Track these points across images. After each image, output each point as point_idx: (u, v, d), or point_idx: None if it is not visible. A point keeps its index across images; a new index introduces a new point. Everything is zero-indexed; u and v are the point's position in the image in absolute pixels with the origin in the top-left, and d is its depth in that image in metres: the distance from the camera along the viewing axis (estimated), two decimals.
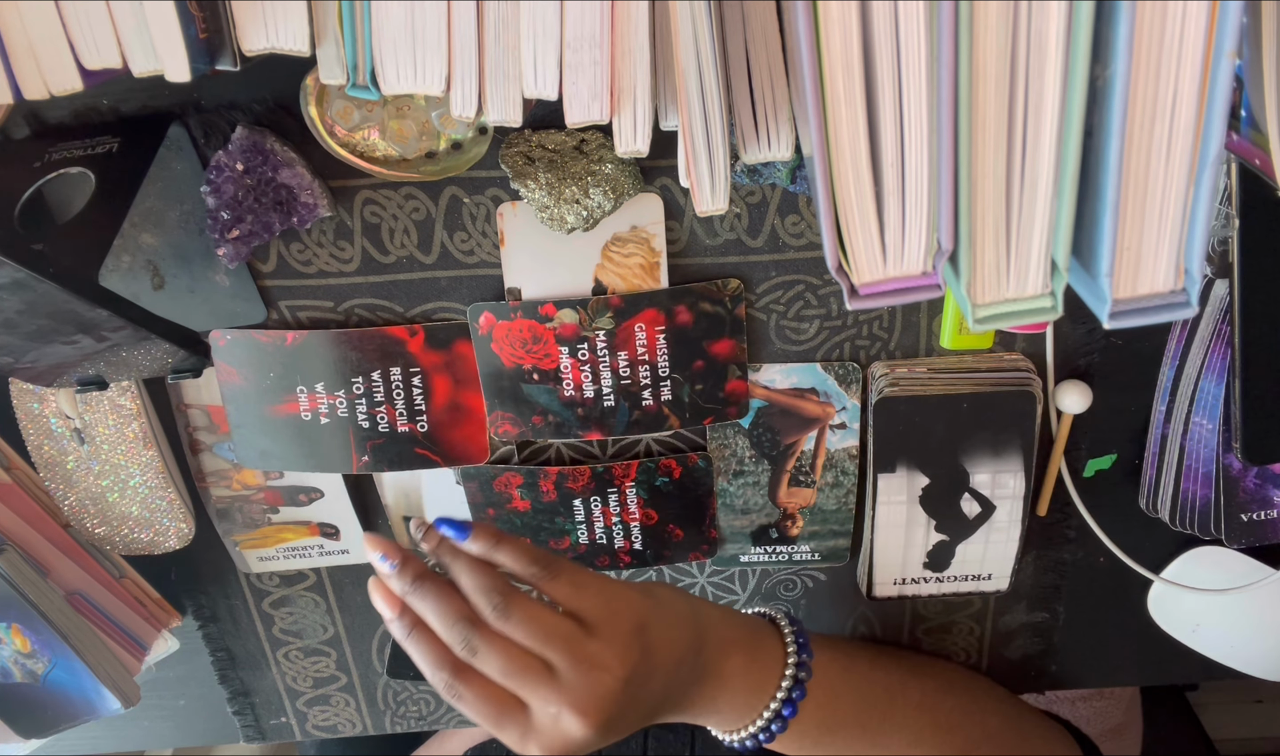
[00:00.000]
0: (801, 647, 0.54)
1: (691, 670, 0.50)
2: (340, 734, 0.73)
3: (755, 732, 0.52)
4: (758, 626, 0.55)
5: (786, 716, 0.52)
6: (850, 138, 0.34)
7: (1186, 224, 0.34)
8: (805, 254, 0.54)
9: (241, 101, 0.49)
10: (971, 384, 0.55)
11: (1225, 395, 0.55)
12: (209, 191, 0.49)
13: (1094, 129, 0.33)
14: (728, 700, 0.52)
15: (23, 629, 0.56)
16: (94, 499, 0.59)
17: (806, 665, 0.53)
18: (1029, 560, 0.65)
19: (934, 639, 0.69)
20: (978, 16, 0.32)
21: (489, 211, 0.53)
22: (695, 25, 0.37)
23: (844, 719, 0.56)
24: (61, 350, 0.47)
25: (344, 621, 0.67)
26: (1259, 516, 0.59)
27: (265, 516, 0.62)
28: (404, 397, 0.56)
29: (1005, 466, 0.58)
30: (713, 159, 0.40)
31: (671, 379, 0.56)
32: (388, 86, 0.41)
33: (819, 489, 0.61)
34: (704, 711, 0.52)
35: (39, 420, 0.57)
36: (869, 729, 0.57)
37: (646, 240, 0.53)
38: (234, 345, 0.55)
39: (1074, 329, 0.56)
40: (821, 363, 0.57)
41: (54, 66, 0.39)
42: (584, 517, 0.61)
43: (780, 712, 0.52)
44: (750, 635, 0.54)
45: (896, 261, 0.36)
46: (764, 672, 0.53)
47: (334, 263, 0.54)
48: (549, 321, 0.54)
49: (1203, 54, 0.31)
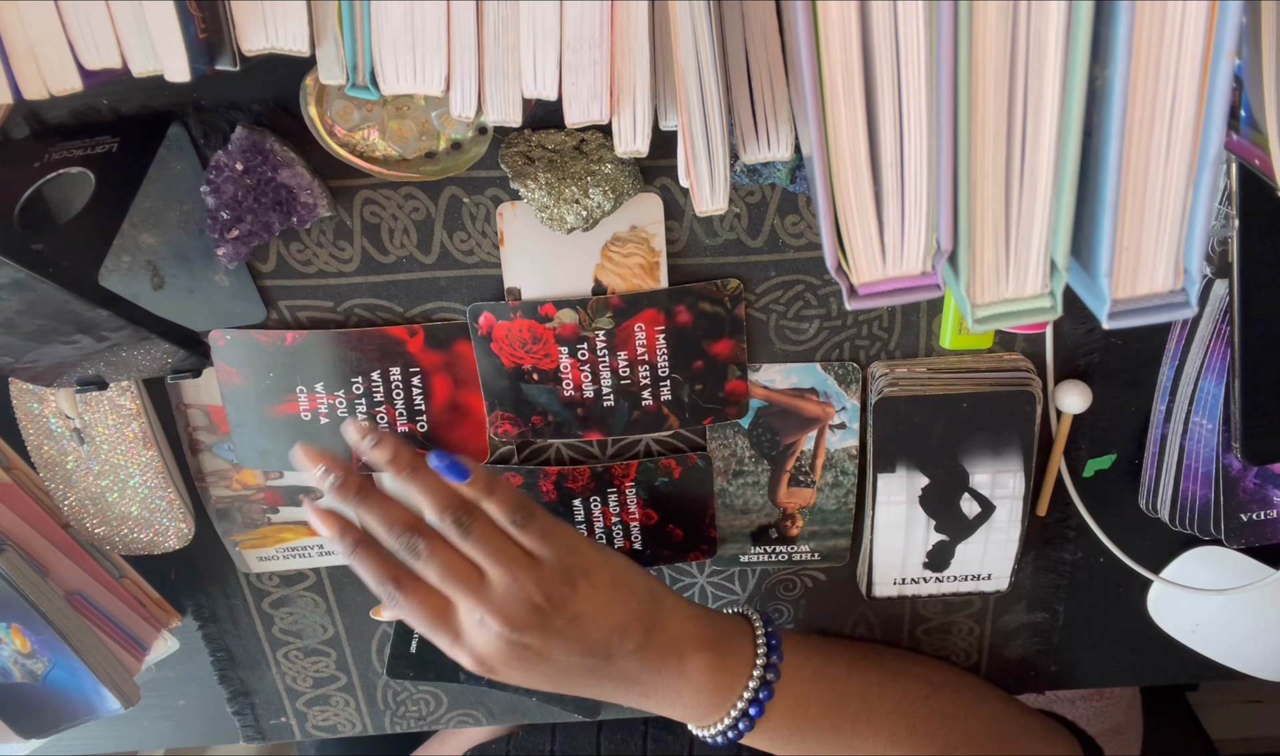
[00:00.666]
0: (772, 650, 0.55)
1: (640, 648, 0.52)
2: (340, 734, 0.73)
3: (724, 729, 0.54)
4: (730, 626, 0.56)
5: (753, 715, 0.54)
6: (850, 138, 0.34)
7: (1186, 224, 0.34)
8: (805, 254, 0.54)
9: (241, 101, 0.49)
10: (971, 384, 0.55)
11: (1225, 395, 0.55)
12: (209, 191, 0.49)
13: (1093, 129, 0.33)
14: (693, 696, 0.53)
15: (23, 629, 0.56)
16: (94, 499, 0.59)
17: (775, 666, 0.55)
18: (1029, 560, 0.65)
19: (934, 639, 0.69)
20: (977, 16, 0.32)
21: (489, 211, 0.53)
22: (695, 25, 0.37)
23: (815, 720, 0.57)
24: (61, 350, 0.47)
25: (344, 621, 0.67)
26: (1259, 516, 0.59)
27: (265, 516, 0.62)
28: (404, 397, 0.56)
29: (1005, 466, 0.58)
30: (712, 159, 0.40)
31: (671, 379, 0.56)
32: (387, 86, 0.41)
33: (819, 489, 0.61)
34: (668, 703, 0.54)
35: (39, 420, 0.57)
36: (842, 730, 0.58)
37: (646, 240, 0.53)
38: (234, 345, 0.55)
39: (1074, 329, 0.56)
40: (821, 363, 0.57)
41: (54, 66, 0.39)
42: (584, 517, 0.61)
43: (746, 712, 0.54)
44: (719, 634, 0.55)
45: (896, 261, 0.36)
46: (732, 673, 0.54)
47: (334, 263, 0.54)
48: (549, 321, 0.54)
49: (1202, 54, 0.31)
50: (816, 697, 0.57)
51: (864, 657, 0.63)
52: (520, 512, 0.50)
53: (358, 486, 0.49)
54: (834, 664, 0.60)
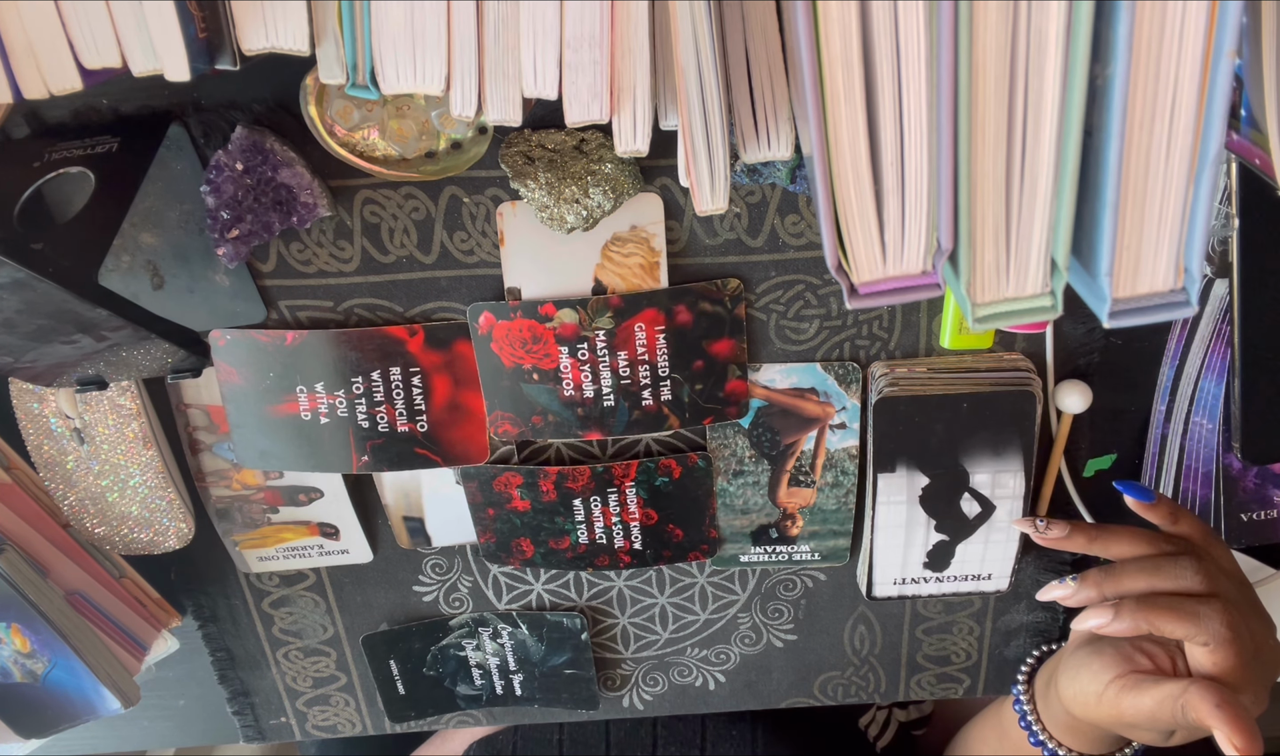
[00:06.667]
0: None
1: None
2: (340, 734, 0.73)
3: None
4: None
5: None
6: (850, 137, 0.34)
7: (1186, 223, 0.34)
8: (805, 253, 0.54)
9: (241, 101, 0.49)
10: (971, 384, 0.55)
11: (1225, 395, 0.55)
12: (209, 191, 0.49)
13: (1094, 128, 0.33)
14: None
15: (23, 629, 0.56)
16: (94, 499, 0.59)
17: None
18: (1029, 560, 0.65)
19: (934, 639, 0.69)
20: (977, 16, 0.32)
21: (489, 211, 0.53)
22: (695, 25, 0.37)
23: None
24: (61, 350, 0.47)
25: (344, 621, 0.67)
26: (1259, 516, 0.59)
27: (265, 516, 0.62)
28: (404, 397, 0.56)
29: (1005, 466, 0.58)
30: (712, 158, 0.40)
31: (671, 379, 0.56)
32: (387, 86, 0.41)
33: (819, 489, 0.61)
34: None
35: (39, 420, 0.57)
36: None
37: (646, 240, 0.53)
38: (234, 345, 0.55)
39: (1074, 329, 0.56)
40: (821, 362, 0.57)
41: (54, 66, 0.39)
42: (584, 517, 0.61)
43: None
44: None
45: (896, 260, 0.36)
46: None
47: (334, 262, 0.54)
48: (549, 321, 0.54)
49: (1202, 53, 0.31)
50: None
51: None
52: (1211, 537, 0.52)
53: (1078, 528, 0.53)
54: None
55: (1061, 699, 0.55)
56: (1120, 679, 0.51)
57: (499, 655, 0.68)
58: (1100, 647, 0.53)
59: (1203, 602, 0.48)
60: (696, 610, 0.67)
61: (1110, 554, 0.53)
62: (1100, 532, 0.53)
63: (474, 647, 0.68)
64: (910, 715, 0.82)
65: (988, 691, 0.71)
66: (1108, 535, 0.53)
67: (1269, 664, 0.50)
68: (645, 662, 0.70)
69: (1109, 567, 0.51)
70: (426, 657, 0.68)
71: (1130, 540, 0.52)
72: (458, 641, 0.68)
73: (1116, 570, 0.51)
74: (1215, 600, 0.48)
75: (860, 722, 0.80)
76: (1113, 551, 0.52)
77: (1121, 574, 0.51)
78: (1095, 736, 0.56)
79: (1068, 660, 0.55)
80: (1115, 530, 0.53)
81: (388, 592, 0.66)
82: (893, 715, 0.81)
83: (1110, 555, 0.53)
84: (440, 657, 0.68)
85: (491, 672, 0.69)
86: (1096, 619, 0.50)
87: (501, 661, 0.68)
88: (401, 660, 0.68)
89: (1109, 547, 0.53)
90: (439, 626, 0.67)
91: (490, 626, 0.67)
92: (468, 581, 0.66)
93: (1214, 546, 0.52)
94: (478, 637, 0.68)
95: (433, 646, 0.68)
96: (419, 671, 0.68)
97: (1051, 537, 0.54)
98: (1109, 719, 0.52)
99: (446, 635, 0.67)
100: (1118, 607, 0.49)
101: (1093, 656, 0.53)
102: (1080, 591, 0.52)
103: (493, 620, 0.67)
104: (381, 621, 0.67)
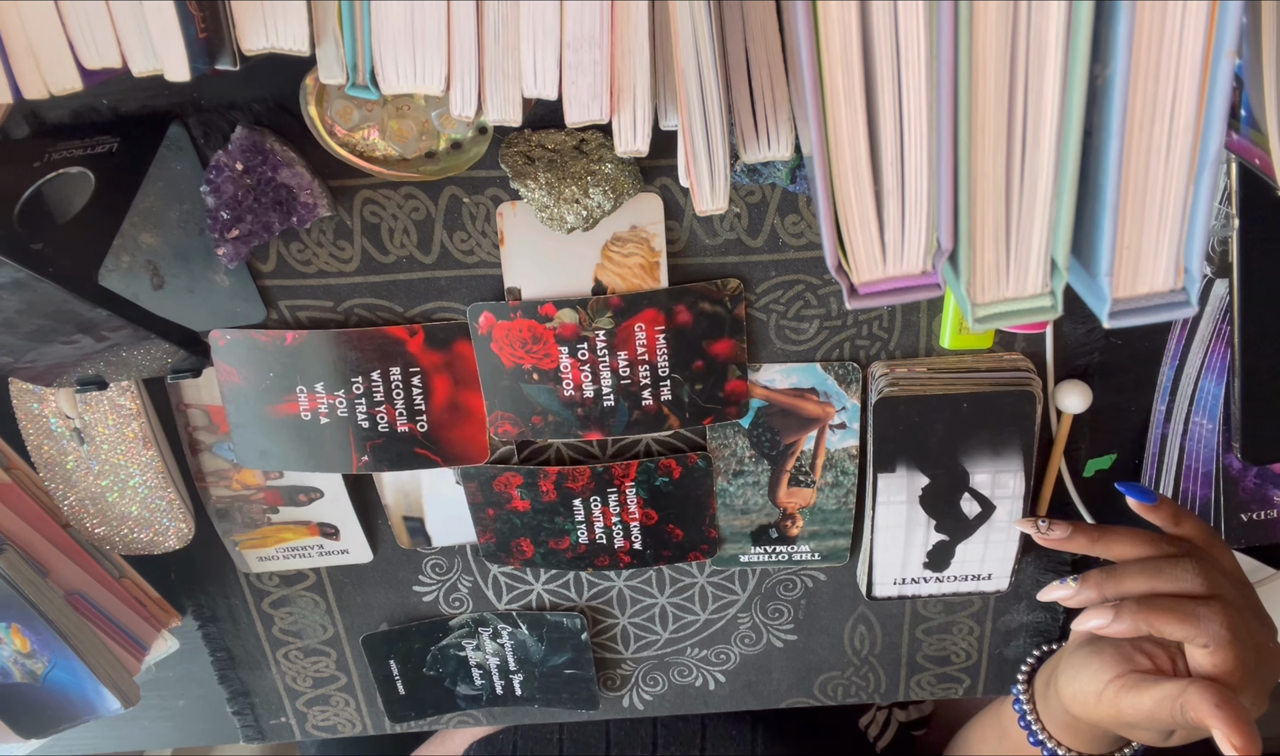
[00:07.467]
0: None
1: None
2: (340, 734, 0.73)
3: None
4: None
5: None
6: (850, 137, 0.34)
7: (1186, 223, 0.34)
8: (805, 253, 0.54)
9: (241, 101, 0.49)
10: (971, 384, 0.55)
11: (1225, 395, 0.55)
12: (209, 191, 0.49)
13: (1094, 128, 0.33)
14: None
15: (23, 629, 0.56)
16: (94, 499, 0.59)
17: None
18: (1029, 560, 0.65)
19: (934, 639, 0.69)
20: (977, 16, 0.32)
21: (489, 211, 0.53)
22: (695, 25, 0.37)
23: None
24: (61, 350, 0.47)
25: (344, 621, 0.67)
26: (1259, 516, 0.59)
27: (265, 516, 0.62)
28: (404, 397, 0.56)
29: (1005, 466, 0.58)
30: (712, 158, 0.40)
31: (671, 379, 0.56)
32: (387, 86, 0.41)
33: (819, 489, 0.61)
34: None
35: (39, 420, 0.57)
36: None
37: (646, 240, 0.53)
38: (234, 345, 0.55)
39: (1074, 329, 0.56)
40: (821, 362, 0.57)
41: (54, 66, 0.39)
42: (584, 517, 0.61)
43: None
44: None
45: (896, 260, 0.36)
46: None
47: (334, 262, 0.54)
48: (549, 321, 0.54)
49: (1202, 53, 0.31)
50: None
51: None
52: (1213, 536, 0.53)
53: (1079, 528, 0.53)
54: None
55: (1061, 698, 0.55)
56: (1120, 678, 0.51)
57: (499, 655, 0.68)
58: (1100, 647, 0.53)
59: (1203, 604, 0.48)
60: (696, 610, 0.67)
61: (1111, 555, 0.53)
62: (1102, 533, 0.53)
63: (474, 647, 0.68)
64: (910, 715, 0.82)
65: (988, 691, 0.71)
66: (1109, 536, 0.53)
67: (1269, 665, 0.50)
68: (645, 662, 0.70)
69: (1110, 568, 0.51)
70: (426, 657, 0.68)
71: (1131, 541, 0.52)
72: (458, 641, 0.68)
73: (1117, 571, 0.51)
74: (1215, 602, 0.48)
75: (860, 723, 0.80)
76: (1114, 552, 0.52)
77: (1122, 575, 0.51)
78: (1095, 736, 0.56)
79: (1067, 660, 0.55)
80: (1117, 531, 0.53)
81: (388, 592, 0.66)
82: (893, 715, 0.81)
83: (1111, 556, 0.53)
84: (440, 657, 0.68)
85: (491, 672, 0.69)
86: (1097, 619, 0.50)
87: (501, 661, 0.68)
88: (401, 660, 0.68)
89: (1110, 548, 0.53)
90: (439, 626, 0.67)
91: (490, 626, 0.67)
92: (468, 581, 0.66)
93: (1215, 548, 0.52)
94: (478, 638, 0.68)
95: (433, 646, 0.68)
96: (419, 671, 0.69)
97: (1053, 538, 0.54)
98: (1108, 718, 0.52)
99: (446, 635, 0.67)
100: (1118, 608, 0.49)
101: (1092, 656, 0.53)
102: (1081, 592, 0.52)
103: (493, 620, 0.67)
104: (381, 621, 0.67)
